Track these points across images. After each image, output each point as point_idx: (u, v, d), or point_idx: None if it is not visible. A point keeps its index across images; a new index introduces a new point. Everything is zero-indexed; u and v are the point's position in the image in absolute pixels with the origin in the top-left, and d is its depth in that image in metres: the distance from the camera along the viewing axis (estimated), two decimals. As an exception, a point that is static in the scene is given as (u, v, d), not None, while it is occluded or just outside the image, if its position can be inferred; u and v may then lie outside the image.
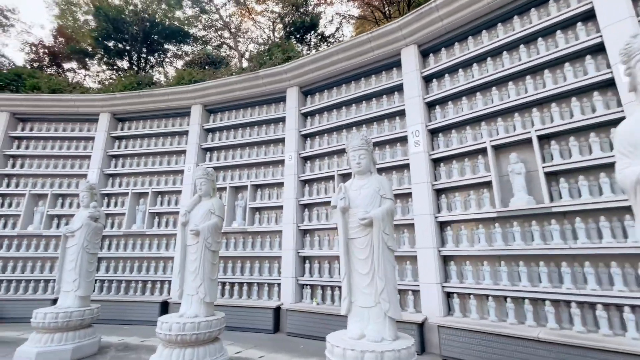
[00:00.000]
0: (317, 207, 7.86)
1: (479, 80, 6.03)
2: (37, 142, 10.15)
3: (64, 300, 5.51)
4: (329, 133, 8.14)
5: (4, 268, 8.92)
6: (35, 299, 8.28)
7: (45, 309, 5.27)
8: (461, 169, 6.06)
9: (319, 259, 7.40)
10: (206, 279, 4.61)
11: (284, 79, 8.45)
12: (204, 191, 5.08)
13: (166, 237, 8.92)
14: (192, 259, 4.74)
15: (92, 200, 6.06)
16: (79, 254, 5.60)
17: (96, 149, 9.76)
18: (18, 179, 9.80)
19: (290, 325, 6.75)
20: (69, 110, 10.00)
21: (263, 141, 8.83)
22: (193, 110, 9.51)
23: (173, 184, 9.30)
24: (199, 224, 4.79)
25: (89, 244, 5.71)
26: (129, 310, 7.91)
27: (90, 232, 5.75)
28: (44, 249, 9.11)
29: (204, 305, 4.57)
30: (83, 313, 5.35)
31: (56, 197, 9.63)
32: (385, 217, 3.44)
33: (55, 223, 9.39)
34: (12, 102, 9.82)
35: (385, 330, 3.21)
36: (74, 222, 5.87)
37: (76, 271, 5.52)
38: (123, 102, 9.71)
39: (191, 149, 9.20)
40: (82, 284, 5.52)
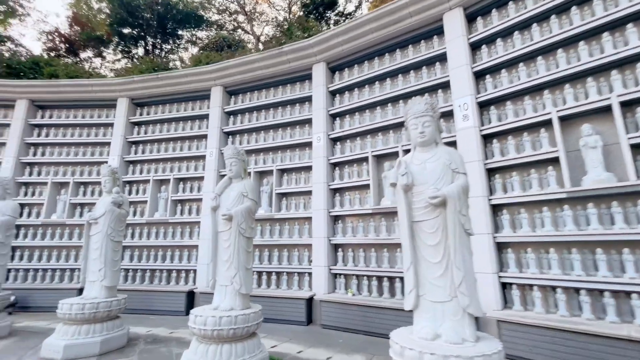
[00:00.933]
0: (348, 191, 7.31)
1: (539, 43, 5.28)
2: (57, 129, 9.94)
3: (90, 290, 5.22)
4: (361, 111, 7.50)
5: (30, 257, 8.84)
6: (61, 288, 8.15)
7: (71, 300, 4.99)
8: (518, 146, 5.38)
9: (353, 247, 6.90)
10: (241, 269, 4.16)
11: (310, 54, 7.82)
12: (234, 172, 4.60)
13: (189, 225, 8.59)
14: (224, 246, 4.30)
15: (115, 185, 5.70)
16: (103, 242, 5.26)
17: (115, 135, 9.45)
18: (40, 167, 9.64)
19: (325, 316, 6.31)
20: (87, 96, 9.71)
21: (288, 122, 8.28)
22: (213, 92, 9.03)
23: (195, 170, 8.92)
24: (231, 208, 4.33)
25: (113, 231, 5.36)
26: (154, 300, 7.67)
27: (114, 218, 5.40)
28: (68, 238, 8.96)
29: (240, 296, 4.14)
30: (110, 304, 5.04)
31: (78, 185, 9.44)
32: (462, 194, 2.85)
33: (78, 211, 9.22)
34: (30, 89, 9.59)
35: (464, 330, 2.67)
36: (97, 209, 5.53)
37: (101, 260, 5.20)
38: (141, 85, 9.32)
39: (212, 133, 8.76)
40: (107, 274, 5.21)
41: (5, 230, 6.04)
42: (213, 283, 4.31)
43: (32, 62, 12.59)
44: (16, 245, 8.76)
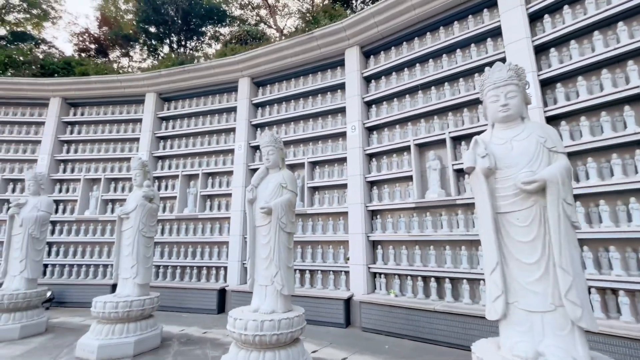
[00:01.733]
0: (386, 184, 6.78)
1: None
2: (88, 126, 10.01)
3: (123, 288, 5.02)
4: (399, 97, 6.93)
5: (65, 252, 8.93)
6: (94, 284, 8.15)
7: (105, 298, 4.79)
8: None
9: (394, 244, 6.37)
10: (282, 267, 3.76)
11: (343, 38, 7.31)
12: (272, 162, 4.19)
13: (219, 220, 8.36)
14: (263, 242, 3.91)
15: (146, 178, 5.47)
16: (135, 237, 5.04)
17: (144, 130, 9.37)
18: (73, 164, 9.74)
19: (365, 319, 5.84)
20: (116, 92, 9.68)
21: (320, 112, 7.83)
22: (240, 84, 8.72)
23: (223, 164, 8.67)
24: (270, 200, 3.93)
25: (144, 226, 5.13)
26: (185, 297, 7.48)
27: (146, 213, 5.16)
28: (101, 234, 8.98)
29: (281, 298, 3.74)
30: (143, 302, 4.81)
31: (109, 182, 9.45)
32: (566, 178, 2.28)
33: (109, 208, 9.22)
34: (62, 87, 9.68)
35: (576, 349, 2.11)
36: (128, 203, 5.32)
37: (133, 257, 4.98)
38: (168, 79, 9.16)
39: (241, 125, 8.45)
40: (140, 271, 4.98)
41: (40, 226, 5.98)
42: (251, 282, 3.94)
43: (65, 63, 12.85)
44: (52, 241, 8.88)
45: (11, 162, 9.72)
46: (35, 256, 5.91)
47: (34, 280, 5.92)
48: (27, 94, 9.82)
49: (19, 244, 5.83)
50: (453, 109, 6.19)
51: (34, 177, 6.21)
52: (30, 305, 5.73)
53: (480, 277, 5.11)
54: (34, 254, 5.89)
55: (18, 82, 9.64)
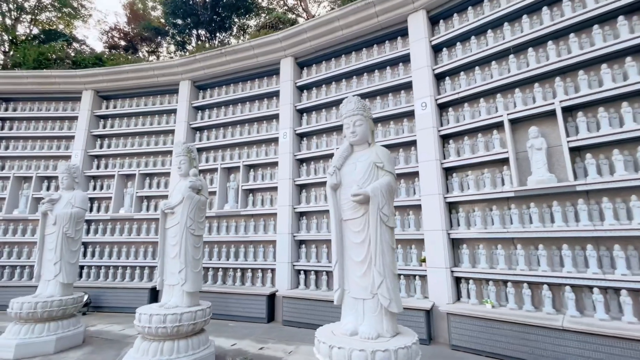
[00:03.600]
0: (470, 169, 5.65)
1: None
2: (121, 119, 9.47)
3: (169, 295, 4.21)
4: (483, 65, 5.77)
5: (100, 253, 8.39)
6: (132, 287, 7.52)
7: (150, 309, 3.99)
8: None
9: (483, 243, 5.23)
10: (388, 274, 2.76)
11: (406, 1, 6.23)
12: (359, 135, 3.21)
13: (263, 217, 7.50)
14: (356, 240, 2.93)
15: (192, 166, 4.64)
16: (182, 236, 4.20)
17: (179, 121, 8.68)
18: (107, 160, 9.22)
19: (455, 334, 4.74)
20: (148, 82, 9.06)
21: (380, 90, 6.77)
22: (283, 65, 7.82)
23: (266, 155, 7.81)
24: (363, 184, 2.94)
25: (192, 222, 4.29)
26: (230, 304, 6.66)
27: (194, 207, 4.32)
28: (137, 233, 8.37)
29: (388, 317, 2.74)
30: (194, 315, 3.96)
31: (144, 177, 8.84)
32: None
33: (145, 205, 8.61)
34: (95, 78, 9.16)
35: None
36: (172, 196, 4.51)
37: (181, 259, 4.15)
38: (203, 65, 8.40)
39: (284, 111, 7.55)
40: (189, 276, 4.14)
41: (74, 224, 5.31)
42: (340, 294, 2.97)
43: (96, 58, 12.51)
44: (87, 241, 8.37)
45: (45, 159, 9.32)
46: (70, 258, 5.25)
47: (69, 285, 5.25)
48: (60, 88, 9.39)
49: (53, 245, 5.18)
50: (562, 73, 4.98)
51: (68, 169, 5.56)
52: (66, 314, 5.06)
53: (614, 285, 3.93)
54: (69, 256, 5.23)
55: (50, 74, 9.22)
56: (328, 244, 6.64)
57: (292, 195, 7.03)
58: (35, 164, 9.27)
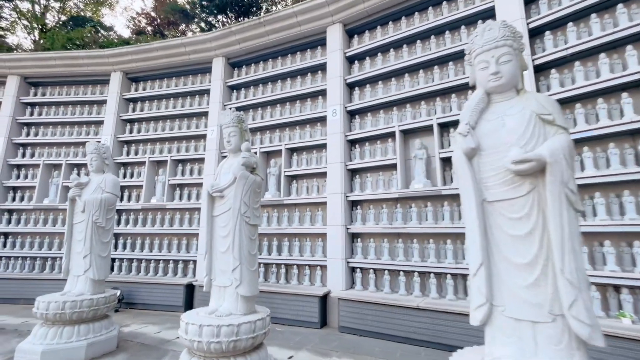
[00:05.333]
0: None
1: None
2: (151, 102, 8.82)
3: (220, 299, 3.37)
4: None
5: (132, 246, 7.80)
6: (166, 283, 6.85)
7: (199, 318, 3.16)
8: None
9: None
10: (584, 285, 1.74)
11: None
12: (506, 77, 2.16)
13: (309, 206, 6.59)
14: (517, 232, 1.93)
15: (244, 139, 3.76)
16: (235, 226, 3.34)
17: (212, 102, 7.90)
18: (137, 146, 8.61)
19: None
20: (179, 60, 8.31)
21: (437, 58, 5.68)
22: (330, 33, 6.82)
23: (311, 137, 6.88)
24: (525, 146, 1.92)
25: (247, 209, 3.41)
26: (277, 304, 5.81)
27: (248, 189, 3.44)
28: (169, 224, 7.70)
29: (582, 347, 1.73)
30: (253, 326, 3.10)
31: (176, 163, 8.15)
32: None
33: (177, 194, 7.92)
34: (123, 58, 8.53)
35: None
36: (220, 175, 3.65)
37: (234, 255, 3.29)
38: (240, 37, 7.53)
39: (333, 86, 6.56)
40: (245, 276, 3.28)
41: (105, 212, 4.59)
42: (487, 310, 1.97)
43: (123, 42, 11.99)
44: (117, 232, 7.81)
45: (75, 146, 8.84)
46: (101, 251, 4.54)
47: (101, 282, 4.56)
48: (88, 70, 8.84)
49: (82, 235, 4.49)
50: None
51: (97, 149, 4.84)
52: (98, 315, 4.36)
53: None
54: (99, 248, 4.52)
55: (77, 55, 8.67)
56: (390, 237, 5.66)
57: (343, 182, 6.08)
58: (65, 151, 8.80)
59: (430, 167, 5.55)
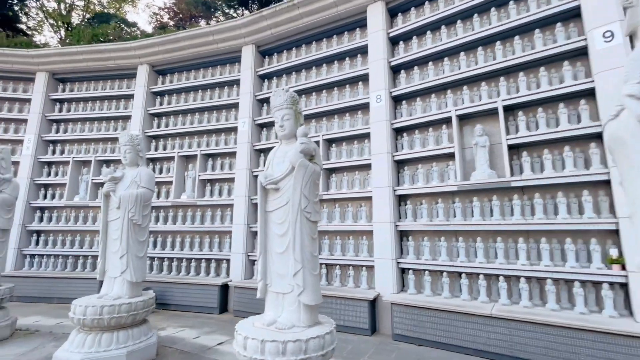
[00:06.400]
0: None
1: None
2: (178, 95, 8.51)
3: (277, 307, 2.91)
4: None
5: (162, 244, 7.51)
6: (199, 283, 6.53)
7: (261, 331, 2.71)
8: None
9: None
10: None
11: None
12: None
13: (351, 202, 6.08)
14: None
15: (299, 122, 3.26)
16: (296, 222, 2.86)
17: (243, 93, 7.48)
18: (165, 140, 8.33)
19: None
20: (207, 50, 7.93)
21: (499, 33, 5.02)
22: (370, 11, 6.23)
23: (351, 127, 6.34)
24: None
25: (308, 203, 2.92)
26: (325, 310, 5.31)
27: (308, 179, 2.95)
28: (200, 221, 7.38)
29: None
30: (322, 341, 2.62)
31: (206, 158, 7.80)
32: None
33: (208, 189, 7.58)
34: (150, 50, 8.24)
35: None
36: (274, 166, 3.17)
37: (296, 256, 2.81)
38: (271, 22, 7.06)
39: (376, 68, 5.99)
40: (308, 281, 2.80)
41: (141, 208, 4.23)
42: None
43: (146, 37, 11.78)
44: (149, 230, 7.53)
45: (103, 142, 8.66)
46: (138, 250, 4.19)
47: (138, 285, 4.20)
48: (115, 64, 8.61)
49: (118, 233, 4.14)
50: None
51: (130, 140, 4.49)
52: (137, 321, 4.02)
53: None
54: (136, 248, 4.17)
55: (104, 49, 8.44)
56: (447, 235, 5.07)
57: (390, 174, 5.53)
58: (94, 147, 8.64)
59: (494, 155, 4.91)
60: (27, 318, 5.76)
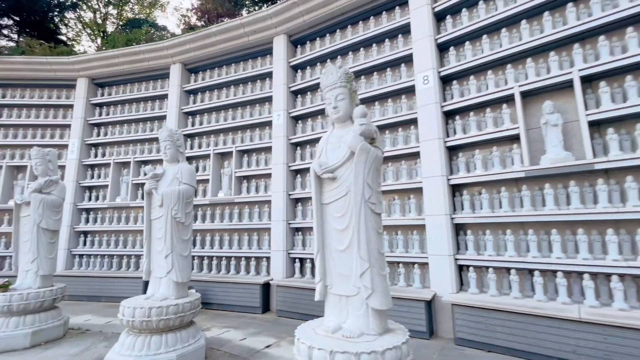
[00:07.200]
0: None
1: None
2: (211, 92, 8.41)
3: (340, 311, 2.57)
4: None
5: (202, 242, 7.46)
6: (243, 282, 6.37)
7: (312, 338, 2.37)
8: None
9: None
10: None
11: None
12: None
13: (397, 194, 5.62)
14: None
15: (354, 103, 2.89)
16: (359, 214, 2.50)
17: (276, 85, 7.23)
18: (200, 139, 8.28)
19: None
20: (239, 44, 7.75)
21: None
22: None
23: (395, 113, 5.86)
24: None
25: (372, 193, 2.55)
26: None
27: (371, 166, 2.57)
28: (238, 219, 7.23)
29: None
30: (399, 353, 2.24)
31: (241, 155, 7.64)
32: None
33: (245, 186, 7.42)
34: (182, 48, 8.21)
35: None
36: (326, 152, 2.82)
37: (361, 253, 2.45)
38: (304, 8, 6.70)
39: (422, 48, 5.46)
40: (377, 282, 2.43)
41: (184, 205, 4.06)
42: None
43: (177, 38, 11.89)
44: (188, 229, 7.50)
45: (141, 143, 8.79)
46: (182, 249, 4.02)
47: (184, 285, 4.04)
48: (148, 65, 8.68)
49: (162, 232, 3.99)
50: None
51: (170, 135, 4.32)
52: (184, 322, 3.85)
53: None
54: (180, 247, 4.00)
55: (138, 50, 8.52)
56: (513, 227, 4.50)
57: (442, 162, 5.01)
58: (132, 148, 8.78)
59: (568, 135, 4.26)
60: (77, 317, 5.86)
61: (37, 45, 12.17)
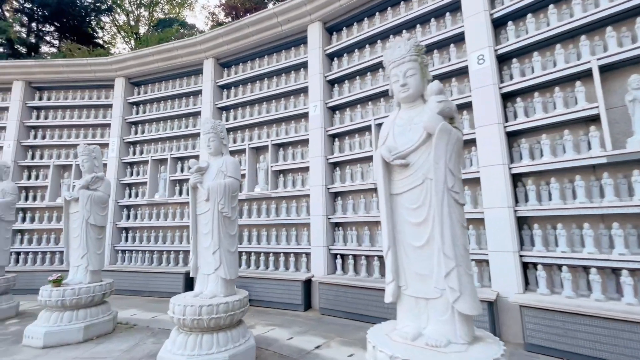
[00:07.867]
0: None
1: None
2: (244, 86, 8.29)
3: (418, 315, 2.27)
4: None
5: (239, 238, 7.38)
6: (284, 279, 6.21)
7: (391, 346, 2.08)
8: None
9: None
10: None
11: None
12: None
13: (451, 186, 5.19)
14: None
15: (427, 79, 2.54)
16: (442, 205, 2.18)
17: (312, 74, 6.95)
18: (235, 134, 8.19)
19: None
20: (272, 35, 7.51)
21: None
22: (462, -42, 5.19)
23: (445, 97, 5.41)
24: None
25: (455, 181, 2.21)
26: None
27: (452, 149, 2.23)
28: (276, 214, 7.07)
29: None
30: None
31: (277, 149, 7.46)
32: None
33: (281, 181, 7.25)
34: (215, 42, 8.12)
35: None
36: (393, 135, 2.50)
37: (446, 250, 2.13)
38: (340, -8, 6.37)
39: (475, 24, 4.96)
40: (465, 284, 2.10)
41: (230, 199, 3.90)
42: None
43: (207, 35, 11.91)
44: (226, 225, 7.44)
45: (177, 140, 8.85)
46: (230, 245, 3.86)
47: (232, 282, 3.89)
48: (182, 61, 8.69)
49: (208, 227, 3.85)
50: None
51: (214, 127, 4.18)
52: (234, 321, 3.70)
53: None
54: (228, 242, 3.84)
55: (172, 47, 8.53)
56: (591, 220, 3.97)
57: (503, 150, 4.52)
58: (169, 145, 8.87)
59: (661, 113, 3.66)
60: (124, 311, 5.94)
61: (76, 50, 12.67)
